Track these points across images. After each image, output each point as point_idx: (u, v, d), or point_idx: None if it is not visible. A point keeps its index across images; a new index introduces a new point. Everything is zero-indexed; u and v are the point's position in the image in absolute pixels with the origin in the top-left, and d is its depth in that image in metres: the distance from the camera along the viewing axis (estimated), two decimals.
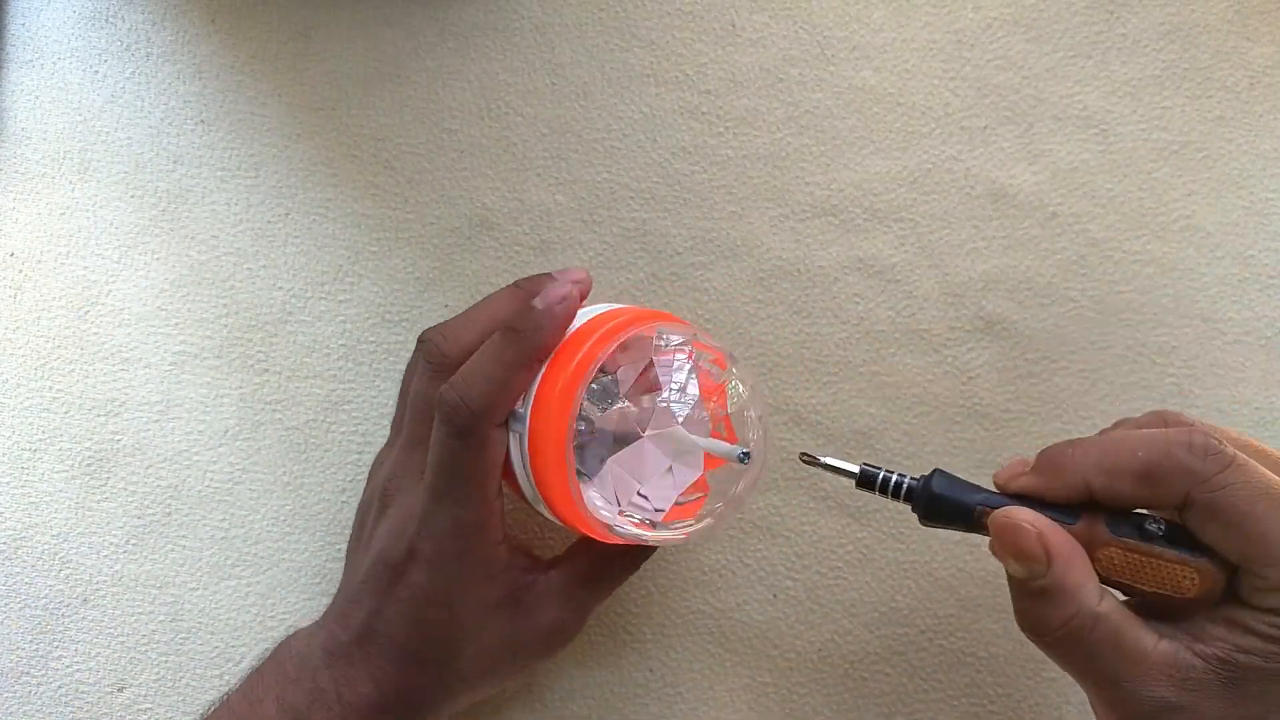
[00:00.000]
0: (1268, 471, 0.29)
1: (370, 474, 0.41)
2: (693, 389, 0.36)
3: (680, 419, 0.36)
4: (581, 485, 0.36)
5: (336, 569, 0.44)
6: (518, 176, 0.45)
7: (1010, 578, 0.32)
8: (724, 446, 0.36)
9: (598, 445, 0.36)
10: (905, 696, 0.42)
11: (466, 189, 0.46)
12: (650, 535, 0.36)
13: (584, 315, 0.36)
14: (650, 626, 0.43)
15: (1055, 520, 0.31)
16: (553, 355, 0.35)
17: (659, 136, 0.45)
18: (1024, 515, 0.31)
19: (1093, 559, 0.31)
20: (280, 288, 0.46)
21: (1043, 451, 0.32)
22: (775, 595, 0.43)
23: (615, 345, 0.34)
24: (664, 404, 0.36)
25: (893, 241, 0.44)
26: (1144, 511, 0.31)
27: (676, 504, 0.37)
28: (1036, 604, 0.31)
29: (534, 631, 0.38)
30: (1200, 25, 0.45)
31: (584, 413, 0.36)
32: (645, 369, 0.36)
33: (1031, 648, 0.42)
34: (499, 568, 0.36)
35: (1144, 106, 0.45)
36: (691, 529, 0.37)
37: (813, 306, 0.44)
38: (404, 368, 0.45)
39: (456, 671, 0.37)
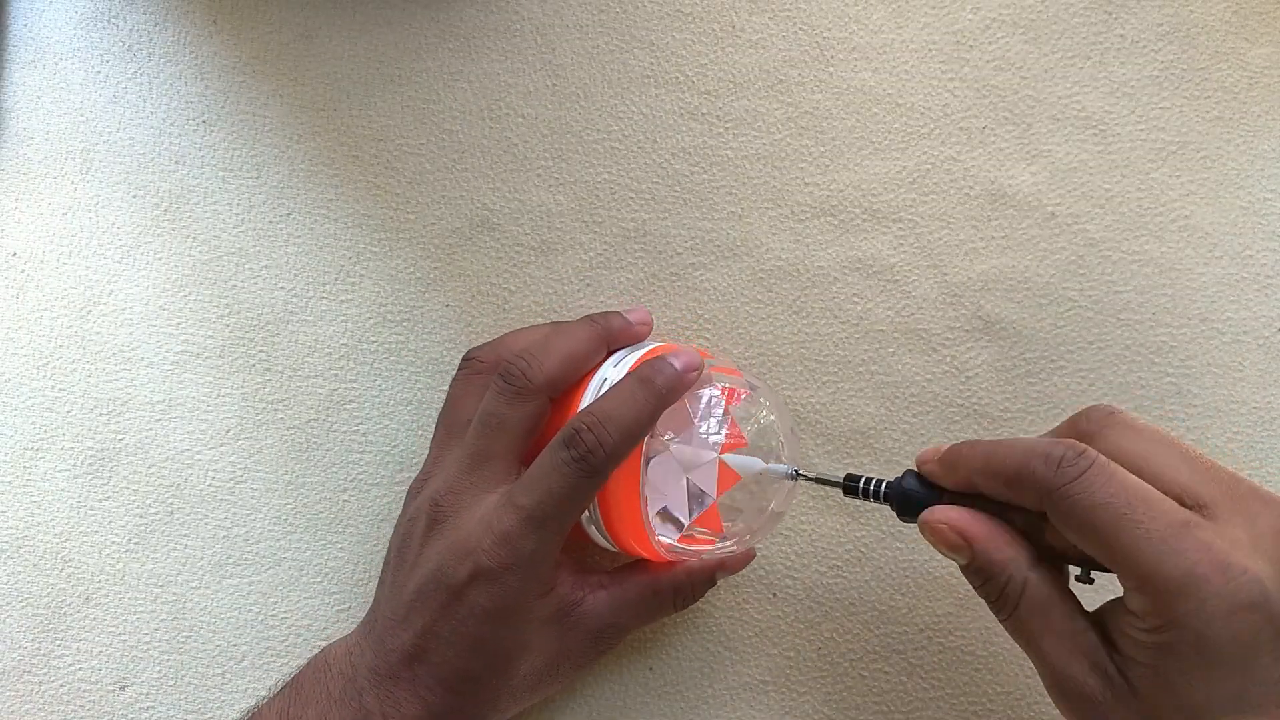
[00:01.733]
0: (1127, 482, 0.30)
1: (410, 494, 0.40)
2: (721, 413, 0.39)
3: (718, 443, 0.38)
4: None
5: (338, 568, 0.44)
6: (518, 177, 0.46)
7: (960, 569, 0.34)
8: (779, 467, 0.38)
9: (664, 469, 0.38)
10: (904, 695, 0.43)
11: (467, 189, 0.46)
12: (703, 549, 0.39)
13: (629, 352, 0.39)
14: (651, 626, 0.43)
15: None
16: None
17: (659, 137, 0.45)
18: (940, 514, 0.34)
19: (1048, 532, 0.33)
20: (282, 287, 0.46)
21: (952, 446, 0.34)
22: (775, 594, 0.43)
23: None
24: (708, 431, 0.38)
25: (892, 242, 0.44)
26: None
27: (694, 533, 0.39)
28: (977, 582, 0.34)
29: (578, 647, 0.38)
30: (1199, 26, 0.45)
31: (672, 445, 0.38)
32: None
33: None
34: (550, 584, 0.37)
35: (1142, 107, 0.45)
36: (737, 542, 0.39)
37: (812, 306, 0.44)
38: (404, 368, 0.45)
39: (509, 689, 0.37)
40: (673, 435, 0.38)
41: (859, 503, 0.43)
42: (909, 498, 0.35)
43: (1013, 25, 0.45)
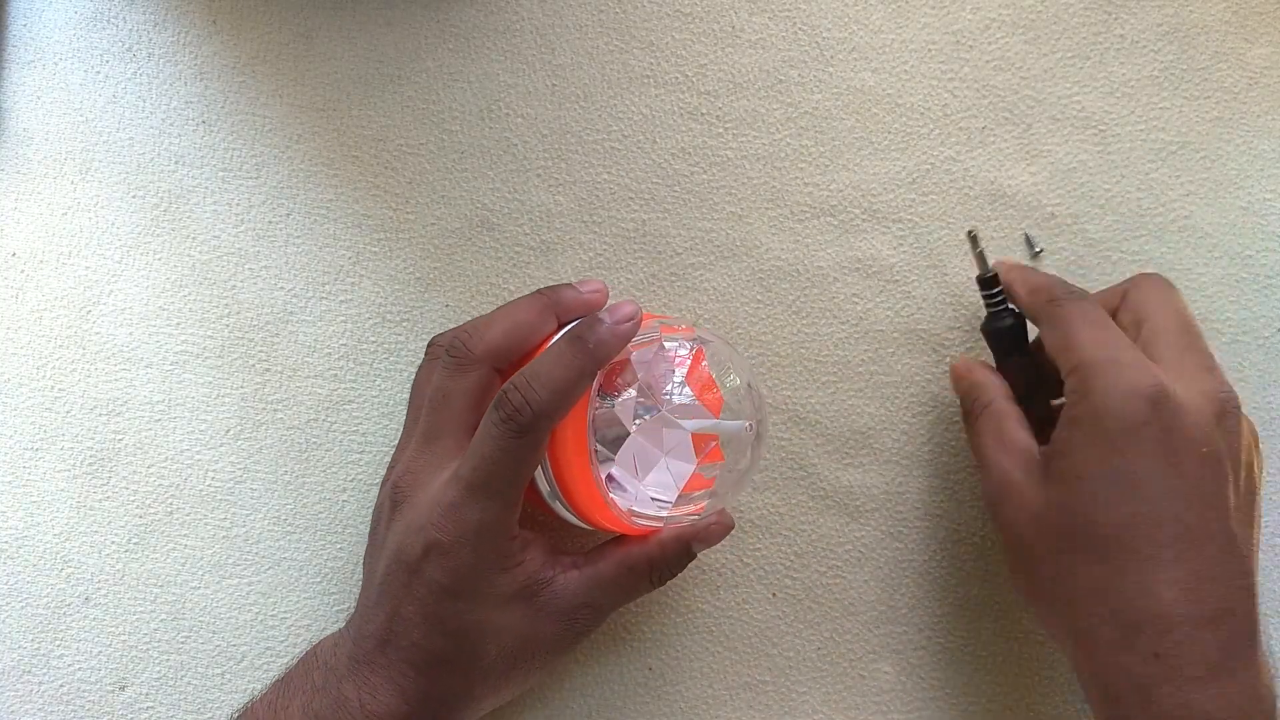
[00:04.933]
0: (1097, 315, 0.37)
1: (382, 482, 0.41)
2: (681, 376, 0.38)
3: (684, 404, 0.38)
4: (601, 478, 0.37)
5: (338, 568, 0.44)
6: (518, 177, 0.46)
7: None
8: (730, 424, 0.38)
9: (613, 433, 0.37)
10: (904, 695, 0.43)
11: (467, 189, 0.46)
12: (668, 515, 0.38)
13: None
14: (650, 626, 0.43)
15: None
16: None
17: (659, 138, 0.45)
18: (960, 364, 0.41)
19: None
20: (282, 288, 0.46)
21: (1013, 264, 0.41)
22: (774, 594, 0.43)
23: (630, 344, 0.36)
24: (669, 394, 0.38)
25: (891, 242, 0.44)
26: None
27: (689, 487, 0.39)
28: (958, 391, 0.41)
29: (551, 629, 0.37)
30: (1198, 26, 0.45)
31: (598, 406, 0.37)
32: (642, 362, 0.38)
33: (1030, 647, 0.42)
34: (513, 561, 0.36)
35: (1142, 107, 0.45)
36: (699, 505, 0.38)
37: (812, 306, 0.44)
38: (404, 368, 0.45)
39: (480, 670, 0.36)
40: (642, 400, 0.37)
41: (858, 502, 0.43)
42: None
43: (1012, 25, 0.45)
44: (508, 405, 0.35)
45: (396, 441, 0.41)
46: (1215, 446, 0.34)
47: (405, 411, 0.41)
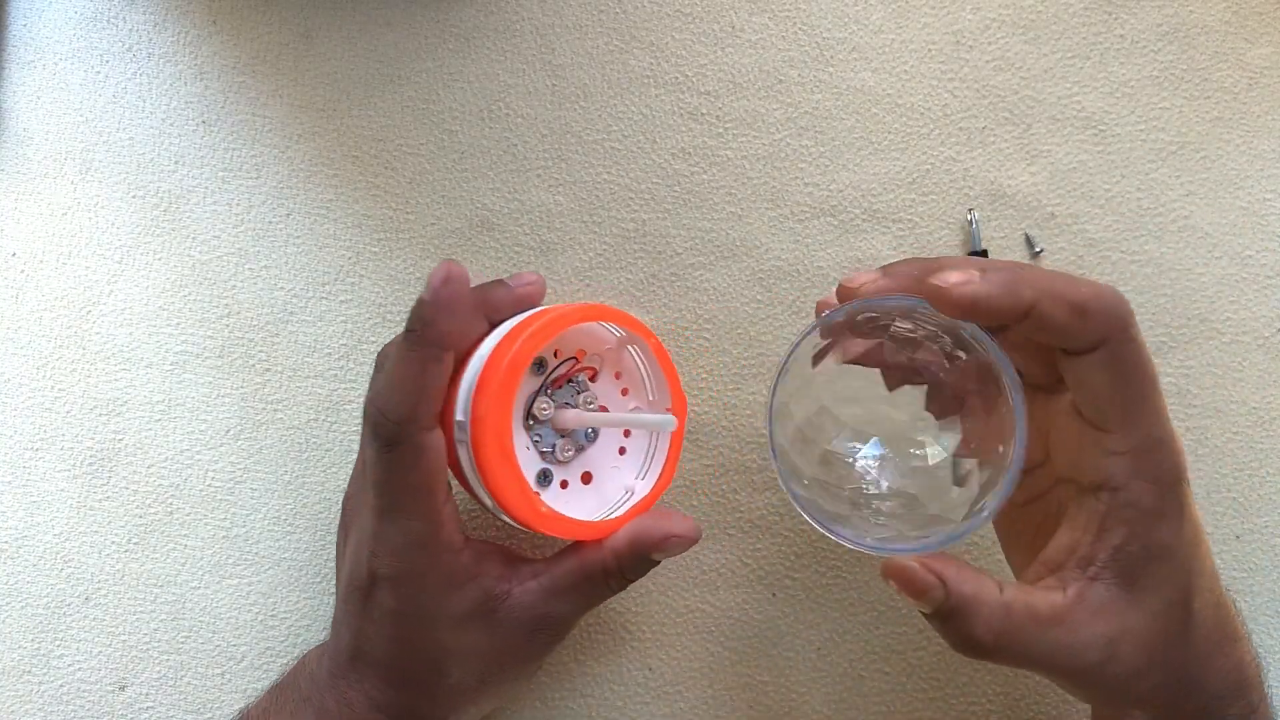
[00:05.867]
0: (1148, 362, 0.32)
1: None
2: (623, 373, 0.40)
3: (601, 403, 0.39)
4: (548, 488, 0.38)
5: None
6: (518, 177, 0.46)
7: (922, 614, 0.33)
8: (650, 418, 0.38)
9: (549, 435, 0.39)
10: (904, 695, 0.43)
11: (467, 190, 0.46)
12: (604, 513, 0.38)
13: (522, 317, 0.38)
14: (650, 625, 0.43)
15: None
16: (491, 355, 0.35)
17: (659, 138, 0.45)
18: (905, 558, 0.32)
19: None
20: (281, 288, 0.46)
21: (994, 262, 0.33)
22: (774, 594, 0.43)
23: (547, 338, 0.36)
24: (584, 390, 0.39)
25: (891, 242, 0.44)
26: None
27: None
28: (955, 624, 0.32)
29: (515, 642, 0.36)
30: (1198, 26, 0.45)
31: (538, 409, 0.38)
32: (577, 361, 0.39)
33: None
34: (464, 577, 0.35)
35: (1142, 107, 0.45)
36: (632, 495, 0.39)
37: (812, 306, 0.44)
38: None
39: (447, 688, 0.36)
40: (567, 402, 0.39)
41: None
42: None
43: (1012, 25, 0.45)
44: (369, 421, 0.34)
45: None
46: None
47: None
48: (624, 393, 0.41)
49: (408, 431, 0.34)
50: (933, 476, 0.35)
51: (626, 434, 0.40)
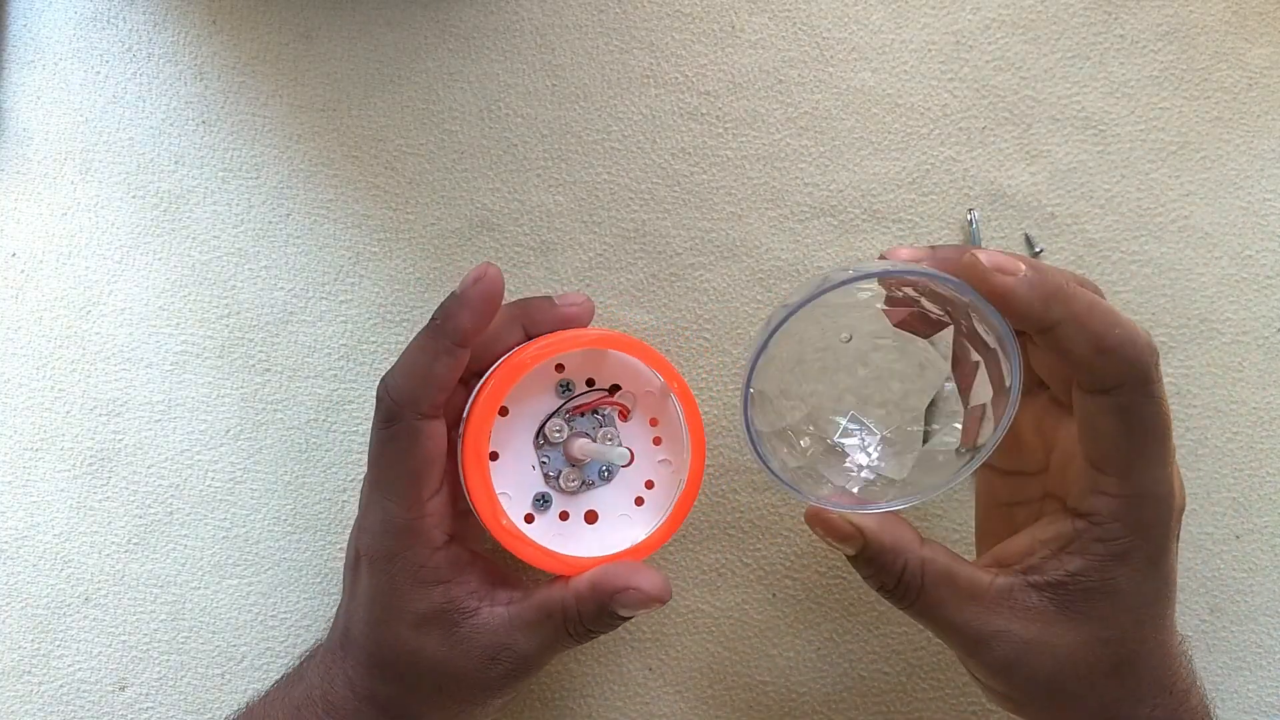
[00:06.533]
0: (1166, 396, 0.32)
1: None
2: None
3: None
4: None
5: (338, 568, 0.44)
6: (518, 177, 0.46)
7: (847, 558, 0.34)
8: (599, 448, 0.37)
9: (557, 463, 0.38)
10: (904, 695, 0.43)
11: (467, 190, 0.46)
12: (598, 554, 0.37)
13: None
14: (650, 625, 0.43)
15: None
16: (504, 359, 0.36)
17: (659, 138, 0.45)
18: (824, 509, 0.34)
19: None
20: (281, 288, 0.46)
21: (1047, 267, 0.32)
22: (774, 595, 0.43)
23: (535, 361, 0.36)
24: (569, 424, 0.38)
25: (891, 242, 0.44)
26: None
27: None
28: (871, 569, 0.34)
29: (469, 665, 0.35)
30: (1198, 26, 0.45)
31: (550, 430, 0.38)
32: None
33: None
34: (432, 577, 0.35)
35: (1142, 107, 0.45)
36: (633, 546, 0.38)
37: None
38: None
39: (408, 686, 0.36)
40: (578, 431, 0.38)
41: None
42: None
43: (1012, 25, 0.45)
44: (377, 396, 0.35)
45: None
46: None
47: None
48: (656, 441, 0.39)
49: (406, 413, 0.35)
50: (915, 451, 0.36)
51: (649, 485, 0.39)
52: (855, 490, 0.35)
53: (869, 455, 0.36)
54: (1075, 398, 0.32)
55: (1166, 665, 0.33)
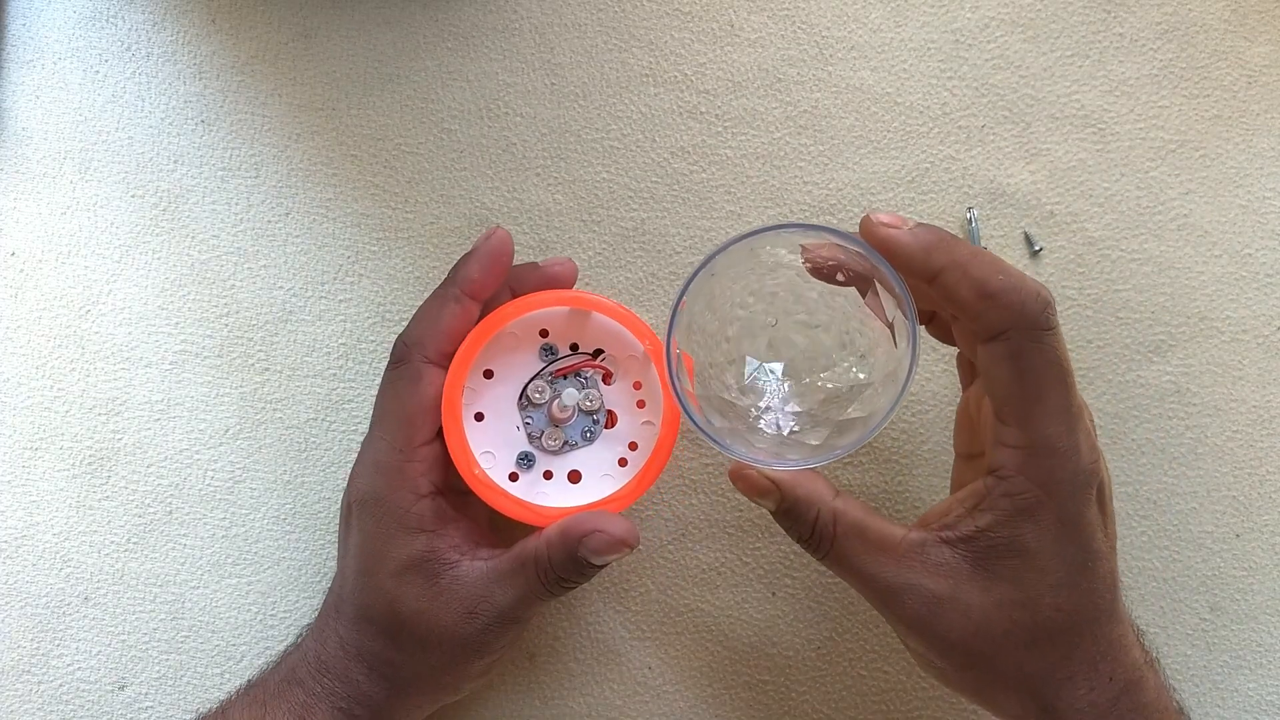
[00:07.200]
0: (1065, 350, 0.32)
1: None
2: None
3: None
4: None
5: (335, 567, 0.44)
6: (517, 176, 0.46)
7: (771, 515, 0.36)
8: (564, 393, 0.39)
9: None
10: (904, 694, 0.43)
11: (466, 189, 0.46)
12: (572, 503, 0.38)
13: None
14: (650, 625, 0.43)
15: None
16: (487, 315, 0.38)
17: (658, 136, 0.45)
18: (746, 465, 0.35)
19: None
20: (281, 287, 0.46)
21: (936, 229, 0.33)
22: (774, 593, 0.43)
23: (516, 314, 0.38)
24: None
25: None
26: None
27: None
28: (788, 522, 0.35)
29: (447, 616, 0.36)
30: (1197, 25, 0.45)
31: (533, 391, 0.39)
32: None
33: None
34: (416, 523, 0.36)
35: (1141, 105, 0.45)
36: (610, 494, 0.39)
37: None
38: None
39: (399, 641, 0.36)
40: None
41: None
42: None
43: (1011, 24, 0.45)
44: (393, 346, 0.38)
45: None
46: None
47: None
48: (640, 404, 0.39)
49: (413, 355, 0.36)
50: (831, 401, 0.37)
51: (633, 447, 0.39)
52: (774, 451, 0.36)
53: (784, 412, 0.37)
54: (977, 351, 0.33)
55: (1103, 649, 0.33)
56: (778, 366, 0.37)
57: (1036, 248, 0.44)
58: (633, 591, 0.43)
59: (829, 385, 0.37)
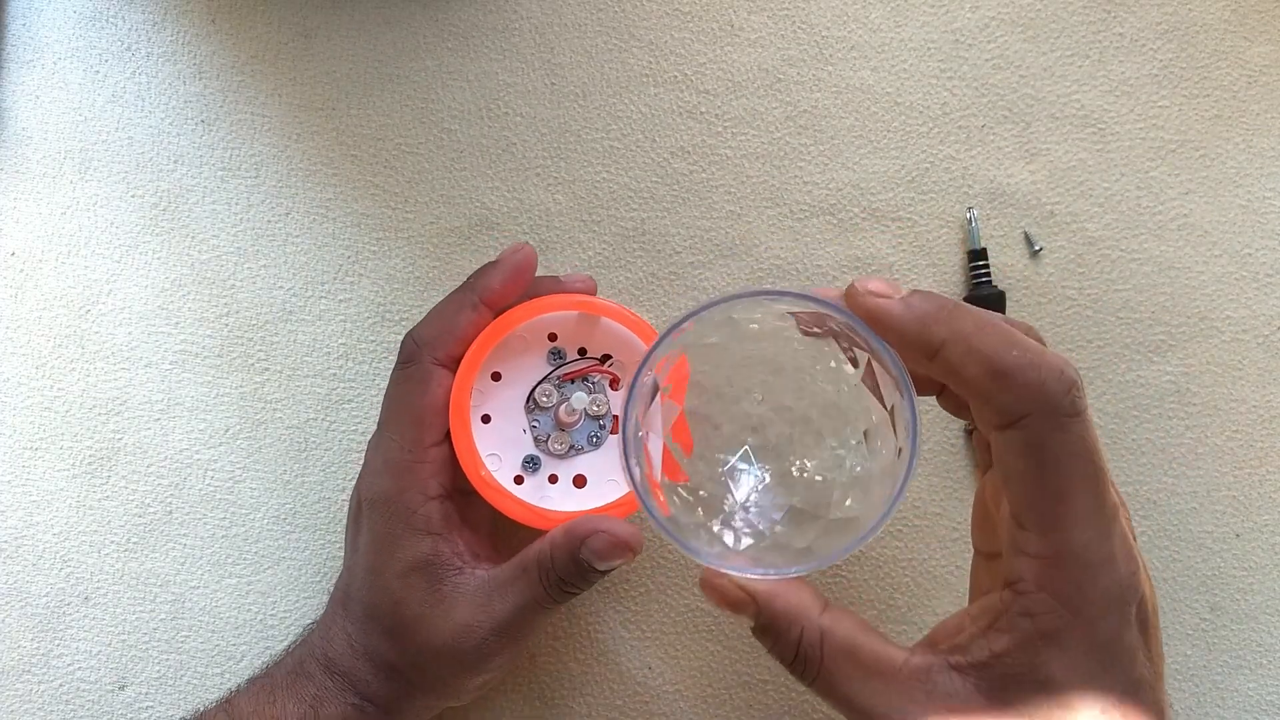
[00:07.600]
0: (1097, 438, 0.27)
1: None
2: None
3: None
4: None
5: (338, 567, 0.44)
6: (517, 176, 0.46)
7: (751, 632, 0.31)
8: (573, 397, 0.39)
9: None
10: None
11: (466, 189, 0.46)
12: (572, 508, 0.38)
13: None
14: (650, 625, 0.43)
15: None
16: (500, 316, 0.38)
17: (658, 136, 0.45)
18: (717, 573, 0.31)
19: None
20: (281, 287, 0.46)
21: (935, 296, 0.28)
22: None
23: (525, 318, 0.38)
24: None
25: (890, 240, 0.44)
26: None
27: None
28: (768, 640, 0.30)
29: (451, 624, 0.35)
30: (1197, 24, 0.45)
31: (540, 394, 0.39)
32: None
33: None
34: (423, 525, 0.36)
35: (1141, 105, 0.45)
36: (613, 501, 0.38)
37: None
38: None
39: (402, 643, 0.36)
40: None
41: None
42: None
43: (1011, 24, 0.45)
44: (401, 343, 0.38)
45: None
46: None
47: None
48: None
49: (424, 355, 0.37)
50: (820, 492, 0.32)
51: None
52: (754, 555, 0.32)
53: (763, 506, 0.33)
54: (992, 439, 0.28)
55: None
56: (755, 450, 0.33)
57: (1036, 248, 0.44)
58: (633, 591, 0.43)
59: (818, 476, 0.32)
